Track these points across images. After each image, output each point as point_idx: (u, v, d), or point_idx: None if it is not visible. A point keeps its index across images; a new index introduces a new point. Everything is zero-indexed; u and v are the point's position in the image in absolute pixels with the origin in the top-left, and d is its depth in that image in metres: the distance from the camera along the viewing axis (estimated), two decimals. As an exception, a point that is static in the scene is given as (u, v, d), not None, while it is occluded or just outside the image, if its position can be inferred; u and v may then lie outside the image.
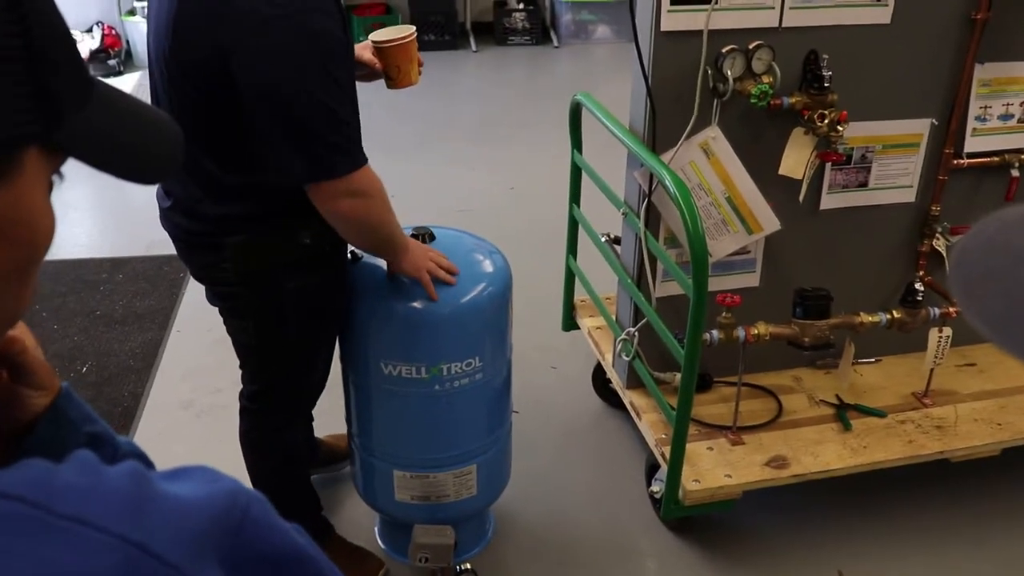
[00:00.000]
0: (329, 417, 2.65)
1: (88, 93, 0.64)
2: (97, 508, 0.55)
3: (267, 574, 0.64)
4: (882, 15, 2.44)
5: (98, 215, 4.97)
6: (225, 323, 2.19)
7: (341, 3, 1.89)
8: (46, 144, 0.61)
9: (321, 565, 0.70)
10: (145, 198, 5.26)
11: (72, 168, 0.67)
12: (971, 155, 2.67)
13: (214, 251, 2.00)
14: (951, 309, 2.58)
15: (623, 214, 2.64)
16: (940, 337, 2.59)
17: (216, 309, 2.19)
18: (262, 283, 2.04)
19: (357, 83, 2.01)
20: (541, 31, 8.02)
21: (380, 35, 2.21)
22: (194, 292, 3.80)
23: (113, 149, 0.68)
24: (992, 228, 0.62)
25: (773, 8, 2.34)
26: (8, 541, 0.51)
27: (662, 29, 2.29)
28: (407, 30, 2.22)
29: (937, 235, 2.72)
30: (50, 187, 0.64)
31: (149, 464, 0.81)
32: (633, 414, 2.72)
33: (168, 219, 2.09)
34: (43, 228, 0.63)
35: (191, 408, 3.18)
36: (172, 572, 0.55)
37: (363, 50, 2.25)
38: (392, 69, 2.23)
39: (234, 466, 2.29)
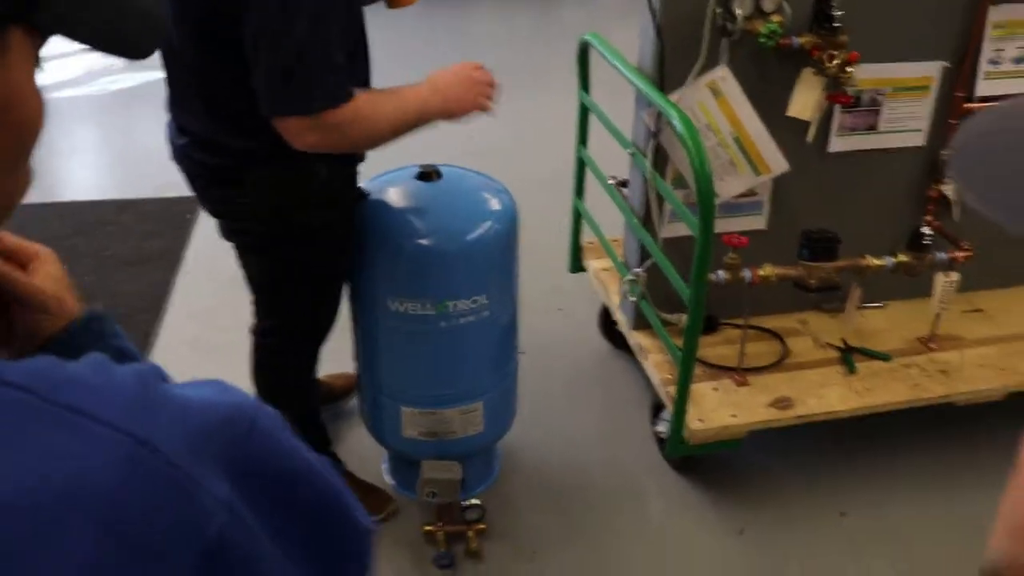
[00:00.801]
0: (335, 355, 2.67)
1: None
2: (102, 402, 0.53)
3: (275, 490, 0.62)
4: (896, -47, 2.41)
5: (104, 157, 4.98)
6: (240, 258, 2.20)
7: None
8: (30, 22, 0.59)
9: (332, 483, 0.68)
10: (152, 139, 5.23)
11: (77, 109, 0.68)
12: (983, 99, 2.65)
13: (233, 185, 2.01)
14: (958, 254, 2.58)
15: (631, 154, 2.63)
16: (946, 281, 2.59)
17: (225, 250, 2.20)
18: (279, 217, 2.04)
19: (383, 26, 2.00)
20: (550, -28, 7.93)
21: None
22: (202, 234, 3.82)
23: (98, 22, 0.65)
24: (988, 117, 0.66)
25: (785, -55, 2.32)
26: (7, 429, 0.50)
27: (672, -35, 2.27)
28: None
29: (946, 180, 2.71)
30: (36, 68, 0.63)
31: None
32: (639, 355, 2.74)
33: (186, 155, 2.08)
34: (32, 108, 0.62)
35: (199, 346, 3.21)
36: (176, 472, 0.53)
37: None
38: None
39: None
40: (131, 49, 0.70)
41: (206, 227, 3.86)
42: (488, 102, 2.06)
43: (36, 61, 0.62)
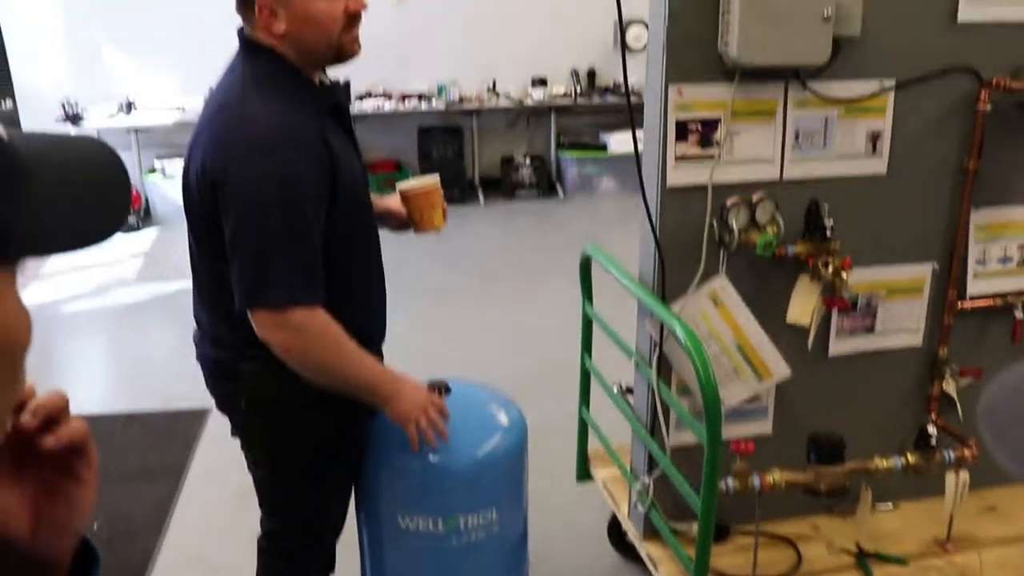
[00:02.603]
0: (342, 572, 2.62)
1: (24, 188, 0.61)
2: None
3: None
4: (878, 165, 2.52)
5: (113, 369, 5.02)
6: (245, 456, 2.22)
7: (331, 139, 1.97)
8: (2, 260, 0.61)
9: None
10: (160, 351, 5.27)
11: (87, 323, 0.70)
12: (974, 297, 2.72)
13: (232, 380, 2.06)
14: (966, 452, 2.58)
15: (635, 364, 2.67)
16: (958, 482, 2.58)
17: (231, 463, 2.23)
18: (273, 415, 2.08)
19: (390, 233, 2.11)
20: (547, 185, 8.27)
21: (406, 184, 2.33)
22: (208, 447, 3.82)
23: (66, 231, 0.66)
24: (1016, 377, 0.68)
25: (773, 162, 2.43)
26: None
27: (668, 184, 2.37)
28: (431, 179, 2.33)
29: (947, 377, 2.74)
30: (14, 285, 0.63)
31: None
32: (650, 566, 2.68)
33: (199, 349, 2.18)
34: (20, 329, 0.64)
35: (205, 564, 3.14)
36: None
37: (392, 201, 2.38)
38: (415, 213, 2.34)
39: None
40: (98, 240, 0.69)
41: (212, 440, 3.88)
42: (416, 432, 2.08)
43: (13, 280, 0.63)
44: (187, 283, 2.16)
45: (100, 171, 0.69)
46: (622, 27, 2.34)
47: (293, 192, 1.87)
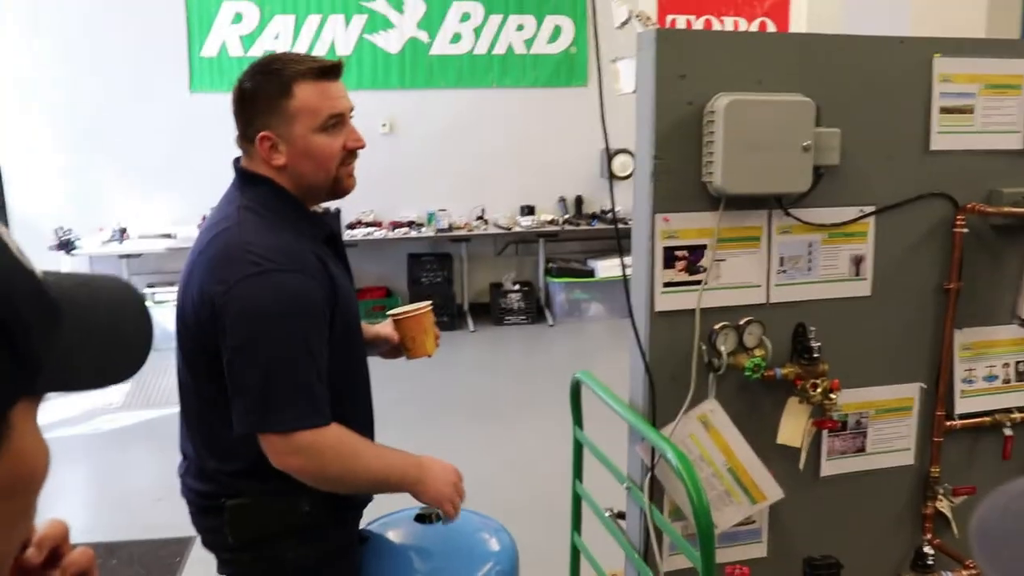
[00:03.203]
0: None
1: (55, 326, 0.63)
2: None
3: None
4: (862, 288, 2.58)
5: (96, 497, 4.94)
6: None
7: (330, 265, 2.01)
8: (30, 392, 0.62)
9: None
10: (144, 479, 5.22)
11: (71, 450, 0.71)
12: (963, 416, 2.74)
13: (218, 513, 2.02)
14: (964, 573, 2.55)
15: (627, 488, 2.66)
16: (956, 604, 2.55)
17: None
18: (260, 551, 2.03)
19: (380, 360, 2.12)
20: (536, 310, 8.35)
21: (398, 310, 2.37)
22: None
23: (90, 369, 0.68)
24: (1005, 498, 0.70)
25: (760, 286, 2.48)
26: None
27: (656, 309, 2.41)
28: (423, 305, 2.37)
29: (940, 496, 2.74)
30: (36, 420, 0.65)
31: None
32: None
33: (183, 482, 2.13)
34: (40, 464, 0.65)
35: None
36: None
37: (383, 327, 2.39)
38: (407, 340, 2.36)
39: None
40: (118, 380, 0.72)
41: (196, 569, 3.81)
42: (453, 509, 2.12)
43: (35, 413, 0.65)
44: (174, 410, 2.15)
45: (124, 312, 0.72)
46: (609, 156, 2.42)
47: (296, 315, 1.89)
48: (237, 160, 2.07)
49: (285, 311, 1.88)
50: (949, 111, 2.56)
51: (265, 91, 1.97)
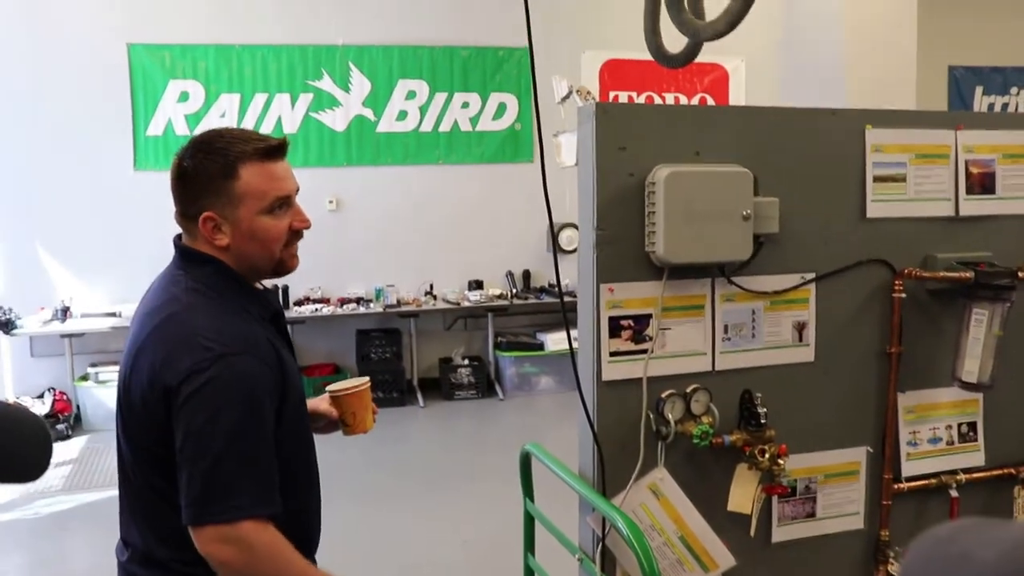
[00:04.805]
0: None
1: None
2: None
3: None
4: (806, 354, 2.62)
5: (35, 588, 4.78)
6: None
7: (277, 345, 1.98)
8: None
9: None
10: (84, 563, 5.06)
11: (8, 535, 0.73)
12: (909, 478, 2.77)
13: None
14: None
15: (579, 560, 2.64)
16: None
17: None
18: None
19: (316, 436, 2.08)
20: (486, 385, 8.34)
21: (336, 386, 2.33)
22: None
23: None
24: (930, 542, 0.73)
25: (705, 354, 2.51)
26: None
27: (603, 379, 2.42)
28: (362, 380, 2.34)
29: (890, 560, 2.75)
30: None
31: None
32: None
33: (124, 570, 2.04)
34: None
35: None
36: None
37: (320, 402, 2.35)
38: (348, 416, 2.33)
39: None
40: (25, 475, 0.77)
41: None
42: None
43: None
44: (115, 492, 2.09)
45: (28, 426, 0.79)
46: (553, 231, 2.45)
47: (249, 398, 1.85)
48: (178, 237, 2.05)
49: (238, 395, 1.85)
50: (883, 180, 2.64)
51: (208, 171, 1.93)
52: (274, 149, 1.98)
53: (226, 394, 1.83)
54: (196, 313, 1.91)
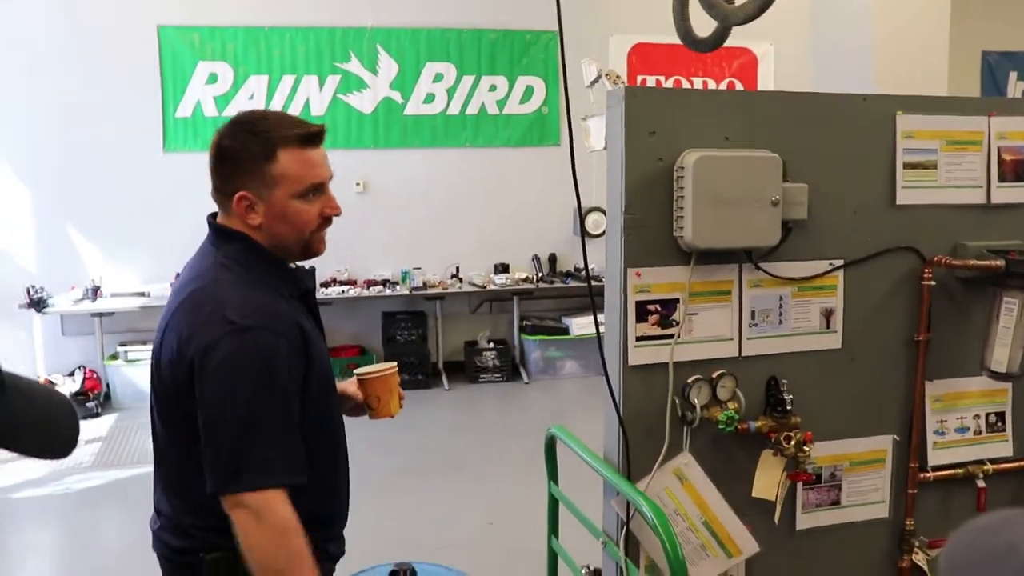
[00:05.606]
0: None
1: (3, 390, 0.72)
2: None
3: None
4: (833, 340, 2.60)
5: (66, 557, 4.85)
6: None
7: (303, 322, 2.00)
8: None
9: None
10: (113, 540, 5.13)
11: (38, 510, 0.77)
12: (936, 468, 2.75)
13: (195, 571, 1.99)
14: (940, 626, 2.55)
15: (603, 544, 2.65)
16: (933, 657, 2.54)
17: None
18: None
19: (352, 419, 2.10)
20: (511, 368, 8.34)
21: (363, 369, 2.35)
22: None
23: (29, 431, 0.76)
24: (972, 533, 0.72)
25: (732, 339, 2.50)
26: None
27: (630, 363, 2.42)
28: (389, 365, 2.36)
29: (916, 549, 2.74)
30: None
31: None
32: None
33: (158, 539, 2.10)
34: None
35: None
36: None
37: (349, 385, 2.38)
38: (372, 399, 2.35)
39: None
40: (56, 451, 0.87)
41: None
42: None
43: None
44: (145, 469, 2.12)
45: (57, 405, 0.86)
46: (581, 215, 2.45)
47: (267, 371, 1.88)
48: (212, 215, 2.08)
49: (261, 369, 1.88)
50: (913, 166, 2.62)
51: (248, 152, 1.97)
52: (313, 136, 2.02)
53: (245, 367, 1.87)
54: (220, 287, 1.95)
